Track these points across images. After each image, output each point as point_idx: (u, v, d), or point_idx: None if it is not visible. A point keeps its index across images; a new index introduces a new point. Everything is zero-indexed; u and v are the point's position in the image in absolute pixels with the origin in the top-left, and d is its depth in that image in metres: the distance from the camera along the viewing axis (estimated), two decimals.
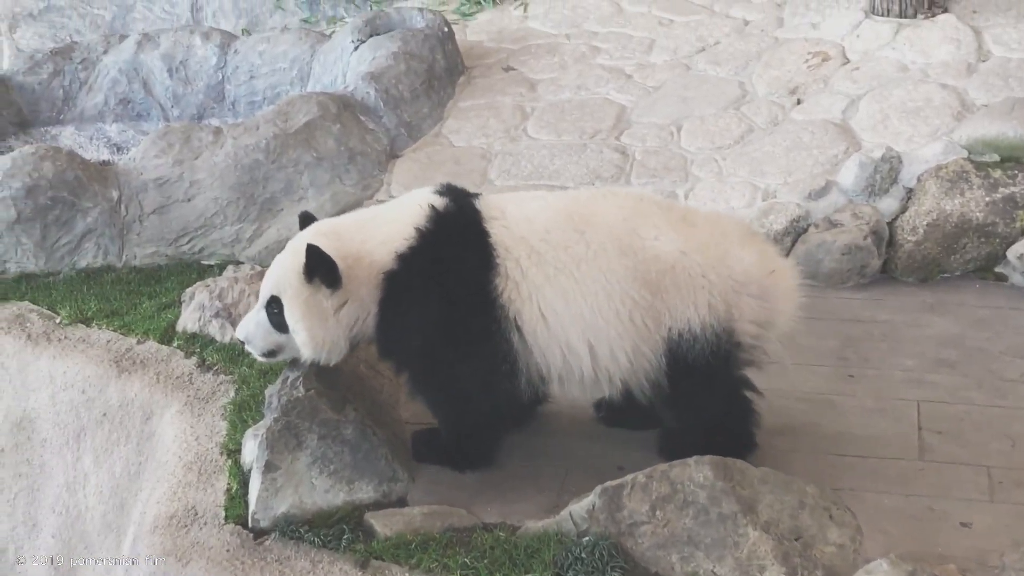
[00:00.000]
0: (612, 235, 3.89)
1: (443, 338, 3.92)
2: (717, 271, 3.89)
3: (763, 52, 6.68)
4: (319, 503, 3.92)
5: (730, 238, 3.98)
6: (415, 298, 3.92)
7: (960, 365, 4.72)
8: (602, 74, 6.79)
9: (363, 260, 3.94)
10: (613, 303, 3.86)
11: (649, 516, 3.62)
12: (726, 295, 3.90)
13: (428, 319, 3.92)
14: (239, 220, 5.88)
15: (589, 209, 3.97)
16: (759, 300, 3.95)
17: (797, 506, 3.66)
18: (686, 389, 3.95)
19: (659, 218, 3.94)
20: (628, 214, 3.94)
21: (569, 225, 3.92)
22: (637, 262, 3.86)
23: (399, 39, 6.78)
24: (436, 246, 3.92)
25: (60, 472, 5.07)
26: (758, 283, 3.94)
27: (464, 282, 3.88)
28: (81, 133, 7.29)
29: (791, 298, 4.06)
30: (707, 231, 3.96)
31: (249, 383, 4.64)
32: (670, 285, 3.87)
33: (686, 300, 3.87)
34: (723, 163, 5.88)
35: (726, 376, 3.99)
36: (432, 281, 3.90)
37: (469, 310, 3.88)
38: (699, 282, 3.88)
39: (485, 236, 3.90)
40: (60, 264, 5.78)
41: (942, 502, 3.92)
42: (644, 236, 3.89)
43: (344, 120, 6.21)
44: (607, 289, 3.86)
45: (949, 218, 5.38)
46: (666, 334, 3.89)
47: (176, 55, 7.36)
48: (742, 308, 3.92)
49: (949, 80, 6.05)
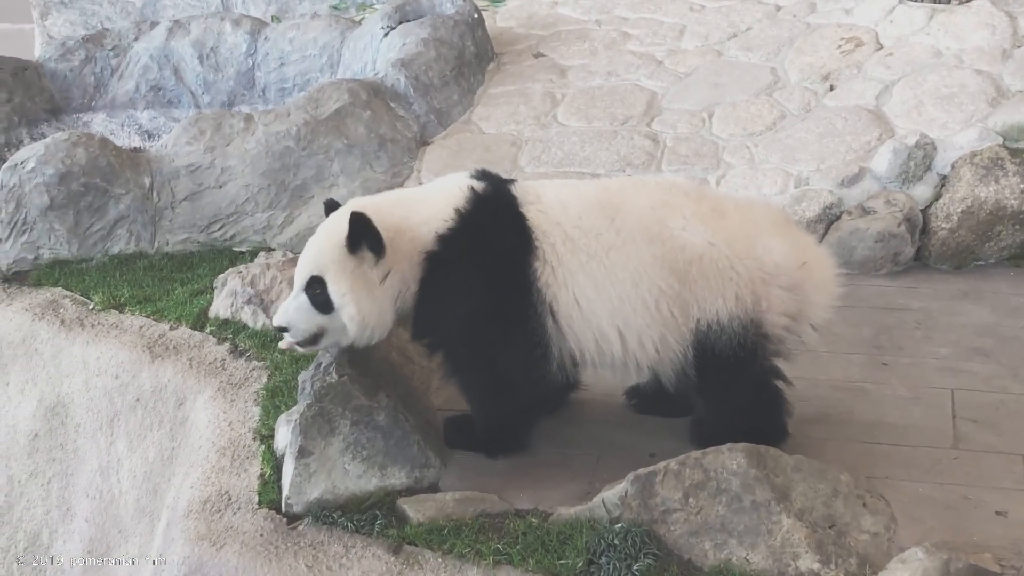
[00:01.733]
0: (641, 224, 3.88)
1: (482, 320, 3.91)
2: (745, 262, 3.87)
3: (795, 38, 6.64)
4: (352, 488, 3.93)
5: (761, 228, 3.94)
6: (456, 279, 3.90)
7: (995, 353, 4.69)
8: (633, 60, 6.77)
9: (405, 235, 3.91)
10: (640, 291, 3.85)
11: (682, 503, 3.61)
12: (754, 286, 3.87)
13: (468, 301, 3.91)
14: (270, 207, 5.89)
15: (620, 197, 3.96)
16: (789, 292, 3.91)
17: (831, 494, 3.64)
18: (715, 379, 3.93)
19: (688, 208, 3.92)
20: (656, 203, 3.92)
21: (600, 212, 3.91)
22: (665, 251, 3.85)
23: (429, 25, 6.77)
24: (477, 228, 3.91)
25: (94, 457, 5.11)
26: (788, 274, 3.90)
27: (505, 265, 3.88)
28: (112, 120, 7.33)
29: (825, 290, 4.01)
30: (737, 221, 3.93)
31: (282, 369, 4.66)
32: (698, 275, 3.85)
33: (714, 291, 3.85)
34: (755, 150, 5.85)
35: (755, 367, 3.96)
36: (474, 263, 3.89)
37: (509, 293, 3.87)
38: (727, 273, 3.86)
39: (523, 220, 3.90)
40: (93, 250, 5.81)
41: (977, 491, 3.90)
42: (672, 226, 3.88)
43: (374, 107, 6.21)
44: (635, 277, 3.85)
45: (983, 205, 5.33)
46: (694, 325, 3.87)
47: (207, 42, 7.38)
48: (771, 300, 3.89)
49: (984, 66, 5.99)
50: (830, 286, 4.03)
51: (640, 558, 3.53)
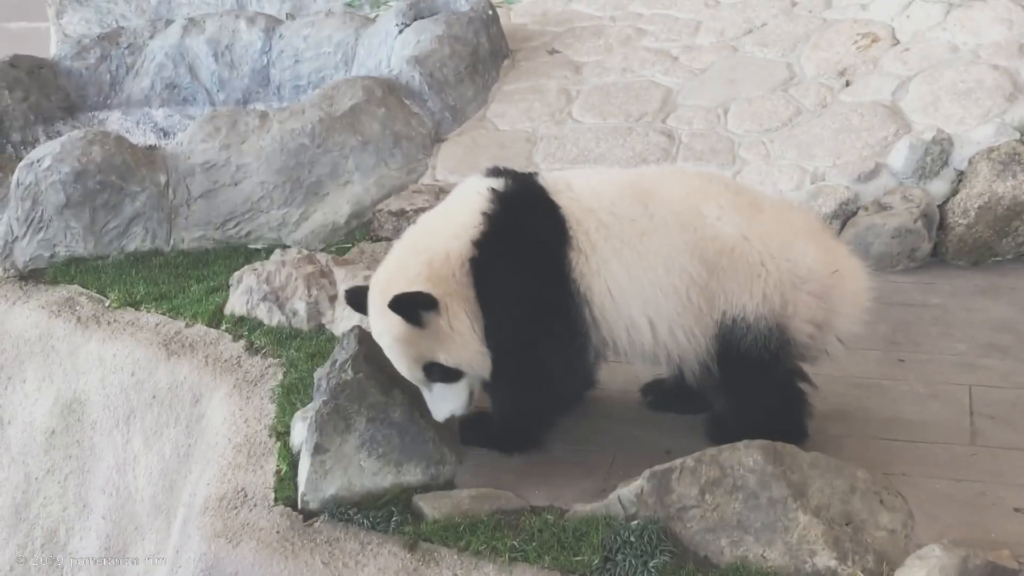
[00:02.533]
0: (674, 210, 3.82)
1: (530, 317, 3.84)
2: (777, 262, 3.82)
3: (811, 33, 6.62)
4: (368, 485, 3.93)
5: (797, 231, 3.89)
6: (501, 279, 3.83)
7: (1013, 349, 4.66)
8: (648, 56, 6.75)
9: (442, 262, 3.84)
10: (672, 278, 3.79)
11: (698, 500, 3.60)
12: (783, 288, 3.81)
13: (515, 300, 3.84)
14: (285, 204, 5.90)
15: (654, 184, 3.90)
16: (817, 299, 3.86)
17: (848, 491, 3.63)
18: (738, 377, 3.90)
19: (725, 199, 3.86)
20: (692, 191, 3.87)
21: (634, 198, 3.85)
22: (696, 239, 3.79)
23: (443, 22, 6.77)
24: (509, 223, 3.84)
25: (110, 454, 5.12)
26: (819, 281, 3.85)
27: (542, 256, 3.81)
28: (128, 118, 7.34)
29: (855, 301, 3.95)
30: (774, 220, 3.88)
31: (297, 366, 4.66)
32: (727, 267, 3.80)
33: (742, 286, 3.80)
34: (771, 146, 5.83)
35: (778, 368, 3.91)
36: (512, 258, 3.83)
37: (549, 284, 3.81)
38: (757, 270, 3.81)
39: (556, 208, 3.83)
40: (109, 248, 5.83)
41: (995, 487, 3.88)
42: (706, 214, 3.82)
43: (389, 104, 6.21)
44: (667, 263, 3.79)
45: (1001, 201, 5.31)
46: (719, 317, 3.83)
47: (221, 40, 7.39)
48: (798, 305, 3.84)
49: (1001, 61, 5.96)
50: (860, 298, 3.97)
51: (656, 555, 3.52)
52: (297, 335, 4.90)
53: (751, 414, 3.95)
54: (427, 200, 5.68)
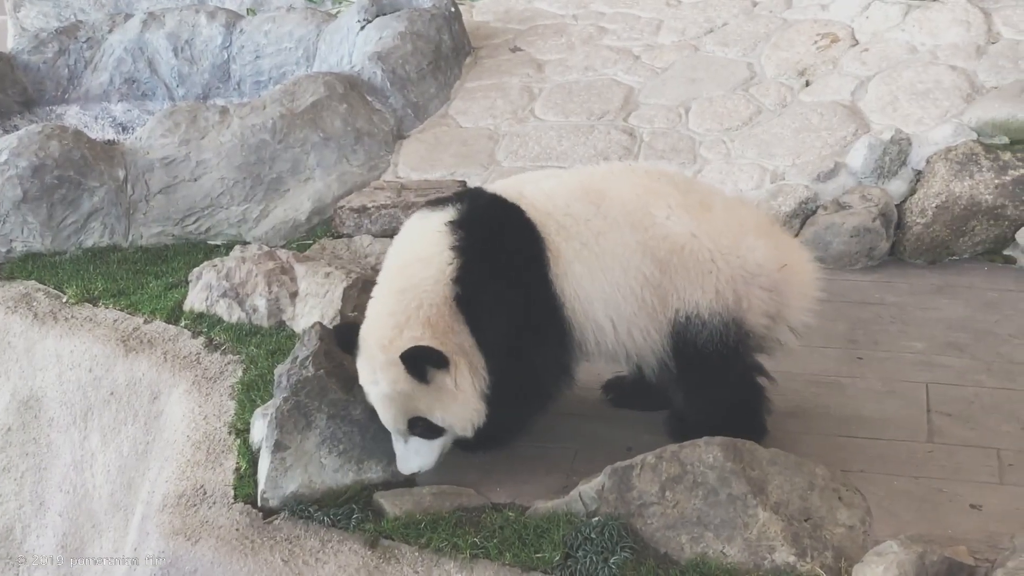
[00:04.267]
0: (625, 210, 3.86)
1: (526, 333, 3.83)
2: (727, 258, 3.86)
3: (772, 33, 6.66)
4: (328, 482, 3.92)
5: (746, 227, 3.94)
6: (492, 308, 3.79)
7: (969, 348, 4.71)
8: (610, 55, 6.77)
9: (435, 313, 3.76)
10: (628, 278, 3.82)
11: (659, 497, 3.61)
12: (735, 284, 3.86)
13: (510, 320, 3.81)
14: (245, 200, 5.86)
15: (604, 184, 3.93)
16: (769, 292, 3.91)
17: (807, 487, 3.65)
18: (697, 374, 3.93)
19: (674, 198, 3.90)
20: (642, 191, 3.91)
21: (586, 199, 3.88)
22: (647, 238, 3.83)
23: (406, 19, 6.75)
24: (485, 249, 3.81)
25: (67, 451, 5.07)
26: (769, 275, 3.90)
27: (526, 268, 3.81)
28: (86, 112, 7.27)
29: (805, 293, 4.01)
30: (723, 217, 3.92)
31: (257, 363, 4.64)
32: (679, 265, 3.84)
33: (694, 283, 3.84)
34: (731, 145, 5.86)
35: (737, 364, 3.95)
36: (496, 279, 3.80)
37: (538, 294, 3.81)
38: (707, 267, 3.85)
39: (522, 216, 3.82)
40: (66, 243, 5.77)
41: (952, 484, 3.92)
42: (656, 214, 3.86)
43: (351, 100, 6.19)
44: (623, 263, 3.82)
45: (958, 200, 5.36)
46: (672, 316, 3.87)
47: (181, 34, 7.34)
48: (751, 299, 3.89)
49: (959, 62, 6.02)
50: (809, 289, 4.03)
51: (617, 551, 3.53)
52: (257, 332, 4.87)
53: (710, 410, 3.97)
54: (389, 197, 5.67)
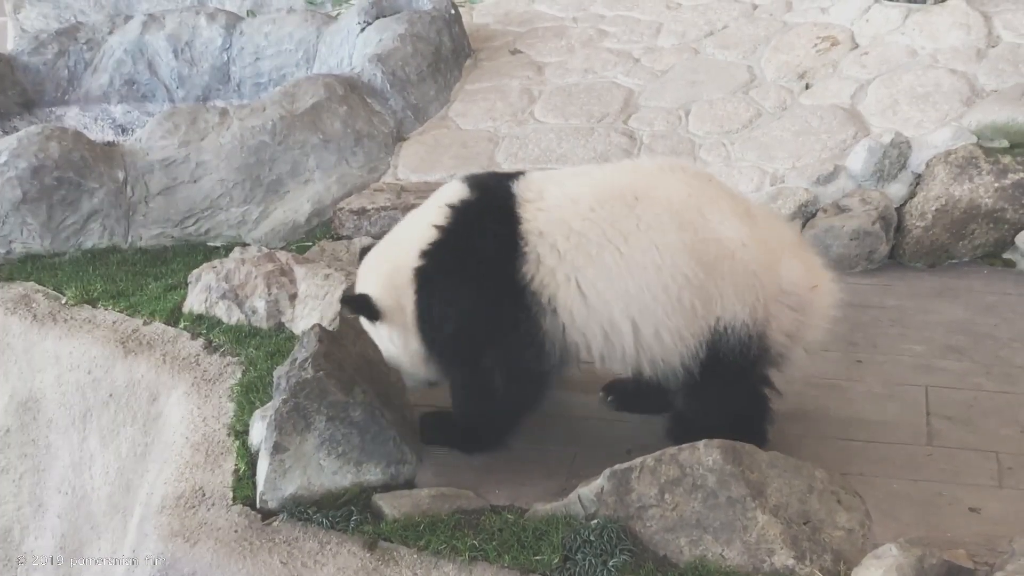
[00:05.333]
0: (672, 209, 3.79)
1: (468, 325, 3.94)
2: (768, 274, 3.83)
3: (772, 36, 6.66)
4: (327, 485, 3.92)
5: (785, 244, 3.92)
6: (440, 289, 3.95)
7: (968, 351, 4.71)
8: (609, 58, 6.77)
9: (394, 272, 4.03)
10: (663, 278, 3.76)
11: (658, 499, 3.61)
12: (768, 300, 3.84)
13: (453, 307, 3.95)
14: (245, 202, 5.86)
15: (648, 182, 3.87)
16: (795, 312, 3.90)
17: (806, 490, 3.65)
18: (711, 382, 3.90)
19: (726, 204, 3.86)
20: (695, 191, 3.85)
21: (618, 199, 3.82)
22: (696, 240, 3.76)
23: (406, 21, 6.75)
24: (456, 239, 3.93)
25: (66, 453, 5.07)
26: (799, 295, 3.89)
27: (487, 270, 3.87)
28: (86, 114, 7.27)
29: (825, 315, 4.01)
30: (767, 231, 3.89)
31: (256, 364, 4.63)
32: (727, 272, 3.78)
33: (739, 293, 3.80)
34: (731, 147, 5.86)
35: (750, 376, 3.95)
36: (455, 272, 3.92)
37: (494, 298, 3.87)
38: (751, 280, 3.81)
39: (511, 222, 3.85)
40: (66, 245, 5.77)
41: (951, 487, 3.92)
42: (709, 217, 3.80)
43: (351, 102, 6.19)
44: (657, 263, 3.76)
45: (958, 204, 5.36)
46: (713, 322, 3.80)
47: (182, 36, 7.34)
48: (779, 317, 3.87)
49: (958, 65, 6.02)
50: (830, 311, 4.03)
51: (616, 554, 3.53)
52: (256, 333, 4.87)
53: (716, 418, 3.95)
54: (388, 199, 5.67)
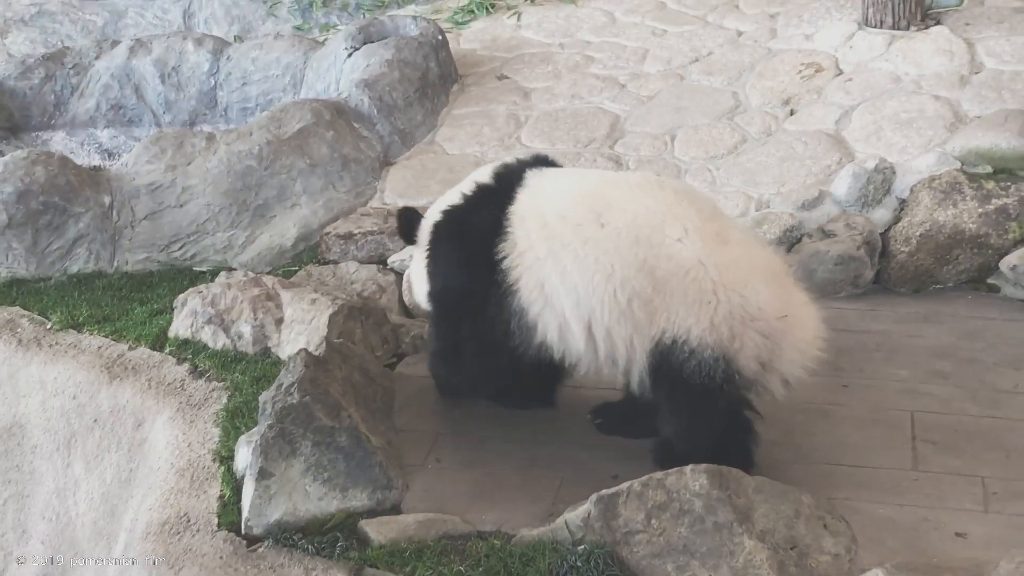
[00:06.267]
0: (635, 223, 3.94)
1: (452, 285, 4.32)
2: (729, 294, 3.87)
3: (756, 63, 6.69)
4: (313, 510, 3.90)
5: (756, 269, 3.95)
6: (439, 247, 4.39)
7: (954, 376, 4.73)
8: (596, 83, 6.79)
9: (429, 218, 4.48)
10: (611, 285, 3.92)
11: (645, 524, 3.61)
12: (732, 321, 3.86)
13: (444, 267, 4.36)
14: (232, 226, 5.86)
15: (623, 193, 4.05)
16: (765, 338, 3.90)
17: (792, 515, 3.66)
18: (682, 402, 3.95)
19: (692, 223, 3.94)
20: (663, 209, 3.97)
21: (587, 205, 4.02)
22: (649, 255, 3.90)
23: (393, 46, 6.77)
24: (464, 208, 4.34)
25: (50, 478, 5.04)
26: (767, 321, 3.90)
27: (476, 242, 4.18)
28: (72, 139, 7.27)
29: (804, 348, 3.99)
30: (736, 254, 3.94)
31: (242, 390, 4.63)
32: (676, 288, 3.87)
33: (689, 309, 3.86)
34: (717, 173, 5.89)
35: (722, 397, 3.95)
36: (453, 237, 4.33)
37: (476, 268, 4.17)
38: (707, 297, 3.86)
39: (508, 204, 4.16)
40: (51, 269, 5.75)
41: (937, 512, 3.92)
42: (667, 234, 3.92)
43: (338, 127, 6.20)
44: (608, 272, 3.92)
45: (942, 229, 5.39)
46: (658, 334, 3.90)
47: (168, 61, 7.34)
48: (745, 341, 3.88)
49: (942, 91, 6.06)
50: (809, 347, 4.01)
51: None
52: (242, 358, 4.86)
53: (697, 441, 3.98)
54: (375, 223, 5.67)
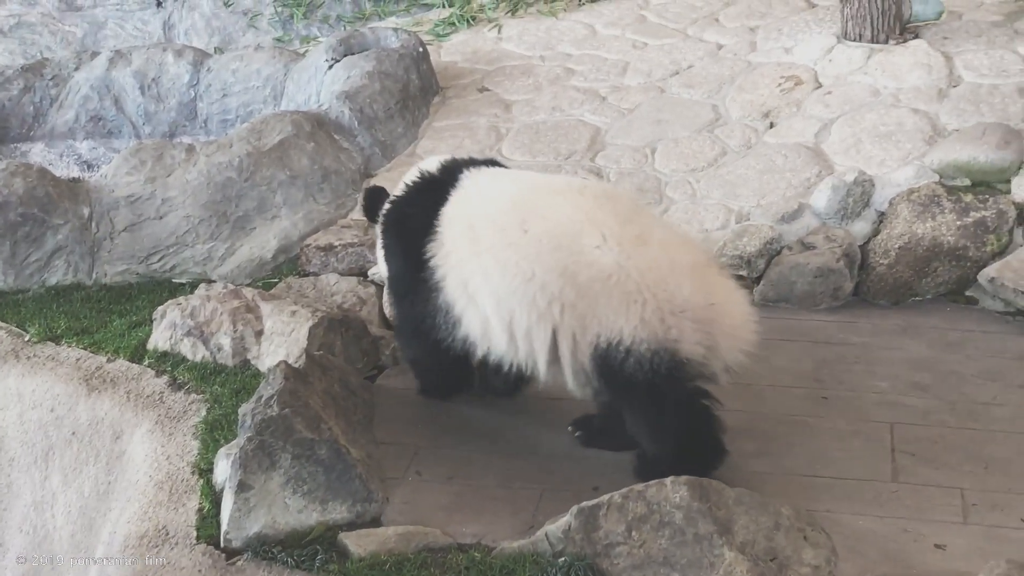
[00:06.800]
0: (555, 231, 4.07)
1: (392, 273, 4.63)
2: (654, 291, 3.95)
3: (736, 76, 6.72)
4: (292, 523, 3.89)
5: (677, 266, 4.01)
6: (383, 237, 4.67)
7: (933, 388, 4.74)
8: (576, 96, 6.81)
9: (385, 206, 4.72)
10: (532, 289, 4.04)
11: (625, 536, 3.60)
12: (663, 314, 3.93)
13: (387, 255, 4.64)
14: (211, 238, 5.84)
15: (549, 200, 4.17)
16: (700, 325, 3.96)
17: (772, 527, 3.66)
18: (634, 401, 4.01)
19: (611, 229, 4.04)
20: (582, 217, 4.07)
21: (513, 211, 4.17)
22: (570, 262, 4.01)
23: (374, 58, 6.77)
24: (404, 201, 4.56)
25: (28, 491, 5.01)
26: (696, 310, 3.96)
27: (409, 237, 4.42)
28: (51, 150, 7.24)
29: (736, 334, 4.04)
30: (656, 253, 4.01)
31: (221, 402, 4.61)
32: (600, 293, 3.96)
33: (617, 312, 3.94)
34: (697, 185, 5.90)
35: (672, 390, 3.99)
36: (392, 230, 4.60)
37: (407, 260, 4.42)
38: (633, 296, 3.94)
39: (441, 204, 4.34)
40: (29, 281, 5.72)
41: (916, 524, 3.93)
42: (586, 242, 4.02)
43: (318, 139, 6.19)
44: (528, 276, 4.04)
45: (921, 242, 5.41)
46: (594, 339, 3.98)
47: (148, 72, 7.32)
48: (683, 329, 3.94)
49: (921, 105, 6.10)
50: (742, 331, 4.07)
51: None
52: (222, 371, 4.85)
53: (662, 438, 4.05)
54: (355, 235, 5.66)
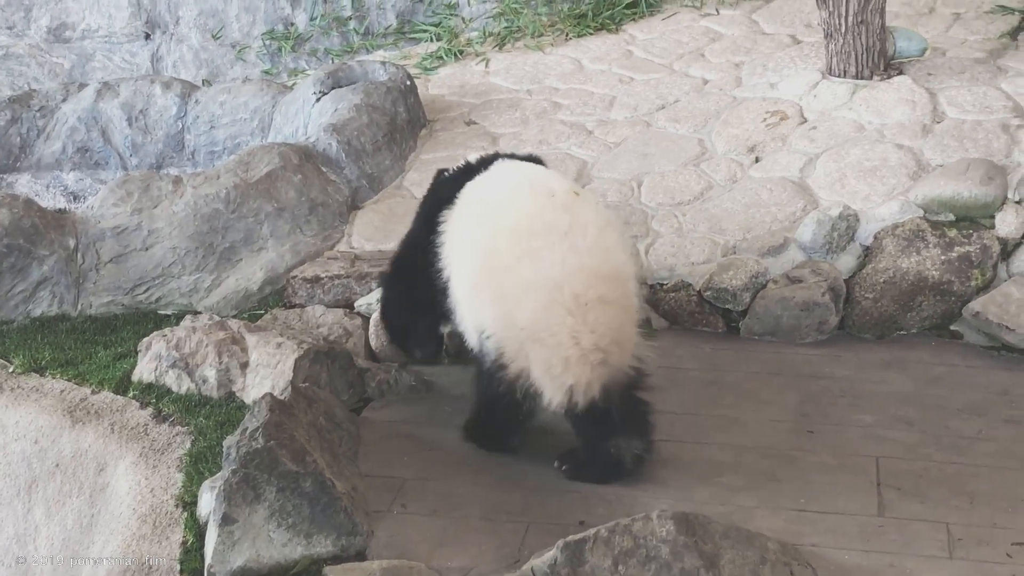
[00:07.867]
0: (512, 235, 4.31)
1: (409, 229, 5.11)
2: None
3: (722, 111, 6.76)
4: (276, 557, 3.87)
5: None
6: (416, 216, 5.12)
7: (918, 422, 4.75)
8: (563, 129, 6.84)
9: None
10: (469, 273, 4.42)
11: (611, 571, 3.59)
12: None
13: (416, 213, 5.09)
14: (197, 270, 5.83)
15: (509, 197, 4.46)
16: (572, 317, 4.16)
17: (759, 561, 3.65)
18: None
19: (547, 240, 4.23)
20: (528, 226, 4.28)
21: (490, 212, 4.44)
22: (492, 265, 4.33)
23: (361, 91, 6.79)
24: (436, 188, 4.99)
25: (10, 524, 4.97)
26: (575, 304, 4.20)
27: (430, 219, 4.76)
28: (38, 181, 7.22)
29: (608, 334, 4.19)
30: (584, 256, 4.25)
31: (206, 435, 4.59)
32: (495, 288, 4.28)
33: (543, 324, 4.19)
34: (683, 219, 5.93)
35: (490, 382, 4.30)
36: (422, 211, 5.02)
37: (427, 225, 4.78)
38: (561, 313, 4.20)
39: (455, 194, 4.67)
40: (14, 312, 5.70)
41: (902, 559, 3.93)
42: (539, 248, 4.25)
43: (305, 171, 6.20)
44: (470, 262, 4.41)
45: (905, 276, 5.44)
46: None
47: (136, 104, 7.33)
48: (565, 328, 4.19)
49: (905, 140, 6.14)
50: (619, 330, 4.34)
51: None
52: (207, 403, 4.83)
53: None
54: (342, 267, 5.66)
